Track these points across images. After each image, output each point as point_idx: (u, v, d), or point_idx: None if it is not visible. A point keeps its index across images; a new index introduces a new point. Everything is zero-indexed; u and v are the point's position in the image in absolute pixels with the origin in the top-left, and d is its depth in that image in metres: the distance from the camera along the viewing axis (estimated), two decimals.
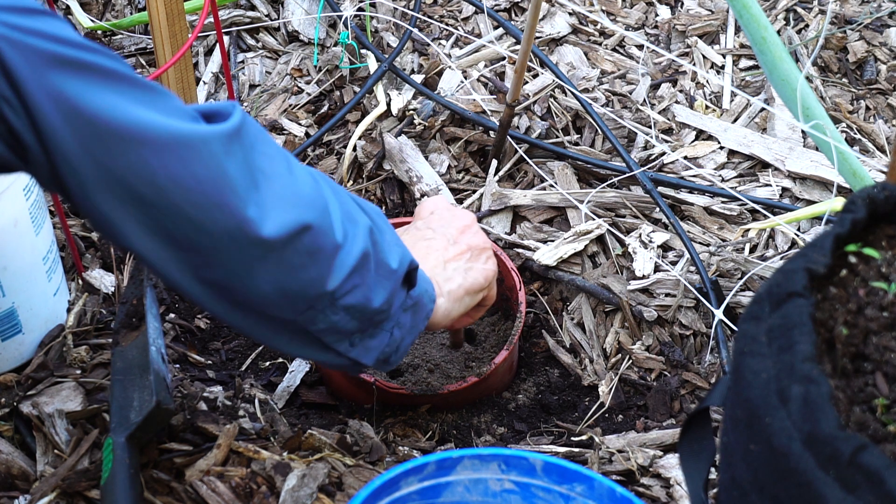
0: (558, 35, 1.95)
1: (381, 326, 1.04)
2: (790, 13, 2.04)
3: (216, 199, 0.88)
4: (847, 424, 0.66)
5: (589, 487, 1.05)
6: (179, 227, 0.89)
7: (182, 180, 0.87)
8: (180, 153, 0.86)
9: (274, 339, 1.01)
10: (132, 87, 0.86)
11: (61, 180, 0.86)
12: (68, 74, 0.82)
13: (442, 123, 1.77)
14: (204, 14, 1.41)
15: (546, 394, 1.49)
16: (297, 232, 0.93)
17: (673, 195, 1.67)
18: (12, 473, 1.18)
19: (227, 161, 0.89)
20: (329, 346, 1.02)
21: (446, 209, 1.26)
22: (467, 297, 1.19)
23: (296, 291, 0.96)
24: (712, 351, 1.48)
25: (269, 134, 0.98)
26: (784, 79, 1.13)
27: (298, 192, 0.94)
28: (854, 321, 0.72)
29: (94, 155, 0.84)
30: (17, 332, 1.30)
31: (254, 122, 0.95)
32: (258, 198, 0.90)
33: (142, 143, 0.85)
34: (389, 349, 1.07)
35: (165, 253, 0.91)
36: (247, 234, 0.90)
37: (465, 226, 1.23)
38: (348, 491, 1.17)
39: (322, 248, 0.95)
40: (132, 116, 0.85)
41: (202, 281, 0.94)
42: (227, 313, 0.97)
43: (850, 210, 0.76)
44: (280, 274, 0.94)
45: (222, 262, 0.92)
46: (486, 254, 1.23)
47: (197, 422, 1.22)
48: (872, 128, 1.81)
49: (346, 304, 0.99)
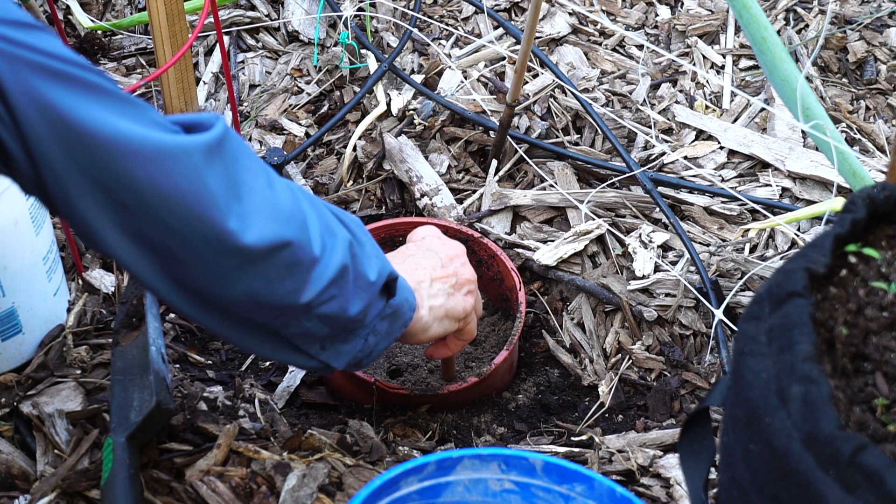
0: (558, 35, 1.95)
1: (355, 333, 1.06)
2: (790, 13, 2.04)
3: (197, 211, 0.90)
4: (847, 424, 0.66)
5: (589, 487, 1.05)
6: (159, 235, 0.91)
7: (163, 191, 0.89)
8: (162, 164, 0.89)
9: (246, 341, 1.03)
10: (116, 100, 0.88)
11: (45, 188, 0.88)
12: (55, 86, 0.84)
13: (442, 123, 1.77)
14: (204, 14, 1.41)
15: (546, 394, 1.49)
16: (276, 247, 0.95)
17: (673, 195, 1.67)
18: (12, 473, 1.18)
19: (207, 173, 0.91)
20: (300, 349, 1.04)
21: (438, 237, 1.28)
22: (447, 320, 1.20)
23: (270, 301, 0.98)
24: (712, 351, 1.48)
25: (249, 147, 0.99)
26: (784, 79, 1.13)
27: (278, 207, 0.96)
28: (854, 321, 0.72)
29: (79, 164, 0.87)
30: (17, 332, 1.30)
31: (236, 135, 0.96)
32: (240, 210, 0.92)
33: (126, 153, 0.87)
34: (362, 354, 1.08)
35: (143, 258, 0.93)
36: (226, 245, 0.92)
37: (455, 254, 1.25)
38: (348, 491, 1.17)
39: (299, 263, 0.97)
40: (117, 128, 0.87)
41: (178, 285, 0.96)
42: (201, 316, 0.99)
43: (850, 210, 0.76)
44: (256, 284, 0.96)
45: (199, 269, 0.94)
46: (469, 287, 1.24)
47: (197, 422, 1.22)
48: (872, 128, 1.81)
49: (321, 314, 1.01)
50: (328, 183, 1.74)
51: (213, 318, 1.00)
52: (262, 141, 1.79)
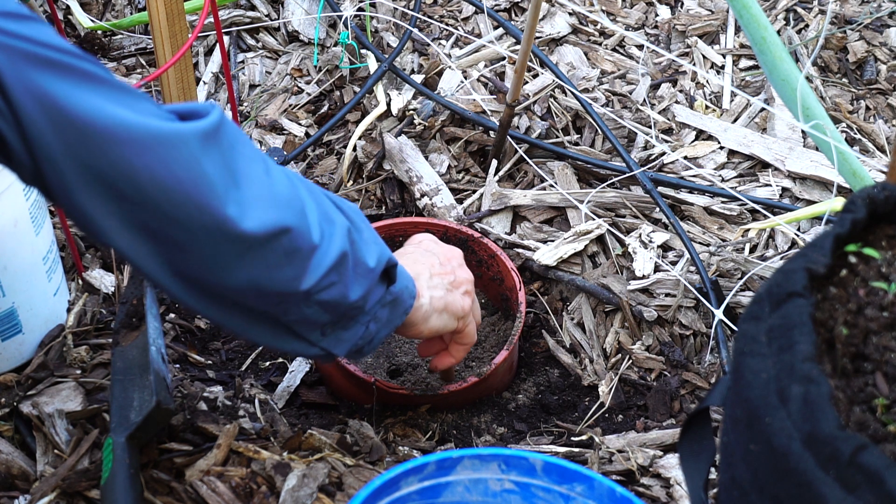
0: (558, 35, 1.95)
1: (356, 320, 1.06)
2: (790, 13, 2.04)
3: (195, 198, 0.90)
4: (847, 424, 0.66)
5: (589, 487, 1.05)
6: (158, 224, 0.91)
7: (161, 179, 0.89)
8: (159, 152, 0.89)
9: (247, 329, 1.03)
10: (112, 89, 0.88)
11: (43, 178, 0.89)
12: (52, 76, 0.85)
13: (442, 123, 1.77)
14: (204, 14, 1.41)
15: (546, 394, 1.49)
16: (275, 233, 0.95)
17: (673, 195, 1.67)
18: (12, 473, 1.18)
19: (204, 160, 0.91)
20: (300, 335, 1.04)
21: (435, 241, 1.29)
22: (446, 314, 1.20)
23: (270, 288, 0.98)
24: (712, 351, 1.48)
25: (246, 136, 0.99)
26: (784, 79, 1.13)
27: (276, 194, 0.96)
28: (854, 321, 0.72)
29: (77, 154, 0.87)
30: (17, 332, 1.30)
31: (232, 123, 0.96)
32: (238, 197, 0.92)
33: (123, 142, 0.87)
34: (363, 341, 1.09)
35: (144, 248, 0.93)
36: (226, 231, 0.92)
37: (453, 256, 1.26)
38: (348, 491, 1.17)
39: (299, 250, 0.98)
40: (114, 116, 0.87)
41: (178, 274, 0.96)
42: (202, 305, 0.99)
43: (850, 210, 0.76)
44: (256, 271, 0.96)
45: (200, 257, 0.94)
46: (467, 287, 1.25)
47: (197, 422, 1.22)
48: (872, 128, 1.81)
49: (321, 300, 1.01)
50: (328, 183, 1.74)
51: (214, 307, 1.00)
52: (262, 141, 1.79)
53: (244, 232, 0.92)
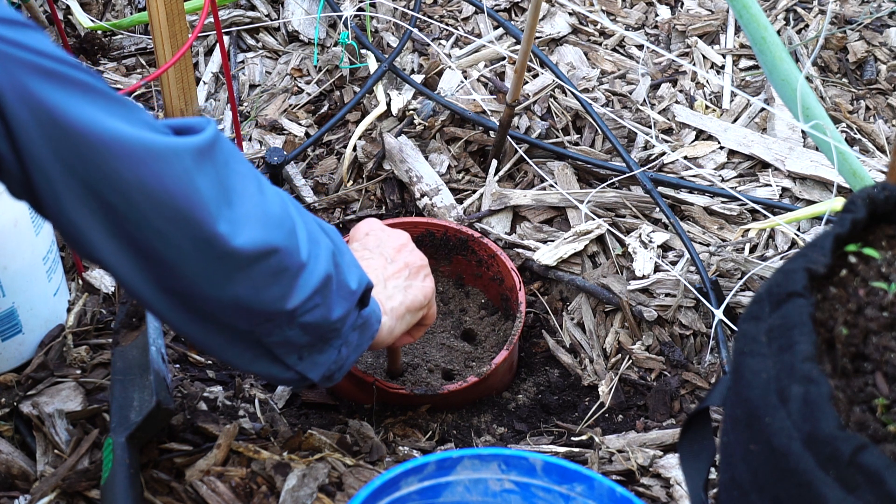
0: (558, 35, 1.95)
1: (330, 343, 1.06)
2: (790, 13, 2.04)
3: (186, 213, 0.89)
4: (847, 424, 0.66)
5: (589, 487, 1.05)
6: (147, 238, 0.90)
7: (152, 192, 0.88)
8: (152, 165, 0.88)
9: (227, 349, 1.01)
10: (107, 100, 0.87)
11: (33, 189, 0.87)
12: (46, 84, 0.84)
13: (442, 123, 1.77)
14: (204, 14, 1.41)
15: (546, 394, 1.49)
16: (266, 252, 0.94)
17: (673, 195, 1.67)
18: (12, 473, 1.18)
19: (197, 175, 0.90)
20: (278, 358, 1.03)
21: (381, 229, 1.28)
22: (408, 314, 1.20)
23: (256, 307, 0.97)
24: (712, 351, 1.48)
25: (241, 153, 0.98)
26: (784, 79, 1.13)
27: (268, 212, 0.96)
28: (854, 321, 0.72)
29: (69, 164, 0.86)
30: (17, 332, 1.30)
31: (227, 140, 0.96)
32: (230, 214, 0.92)
33: (116, 154, 0.86)
34: (335, 366, 1.08)
35: (130, 262, 0.92)
36: (215, 248, 0.91)
37: (401, 244, 1.25)
38: (348, 491, 1.17)
39: (287, 269, 0.97)
40: (108, 128, 0.86)
41: (164, 290, 0.95)
42: (184, 322, 0.98)
43: (850, 210, 0.76)
44: (243, 289, 0.95)
45: (187, 273, 0.93)
46: (424, 271, 1.24)
47: (197, 422, 1.22)
48: (872, 128, 1.81)
49: (304, 322, 1.01)
50: (328, 183, 1.74)
51: (197, 325, 0.98)
52: (262, 141, 1.79)
53: (234, 249, 0.92)
